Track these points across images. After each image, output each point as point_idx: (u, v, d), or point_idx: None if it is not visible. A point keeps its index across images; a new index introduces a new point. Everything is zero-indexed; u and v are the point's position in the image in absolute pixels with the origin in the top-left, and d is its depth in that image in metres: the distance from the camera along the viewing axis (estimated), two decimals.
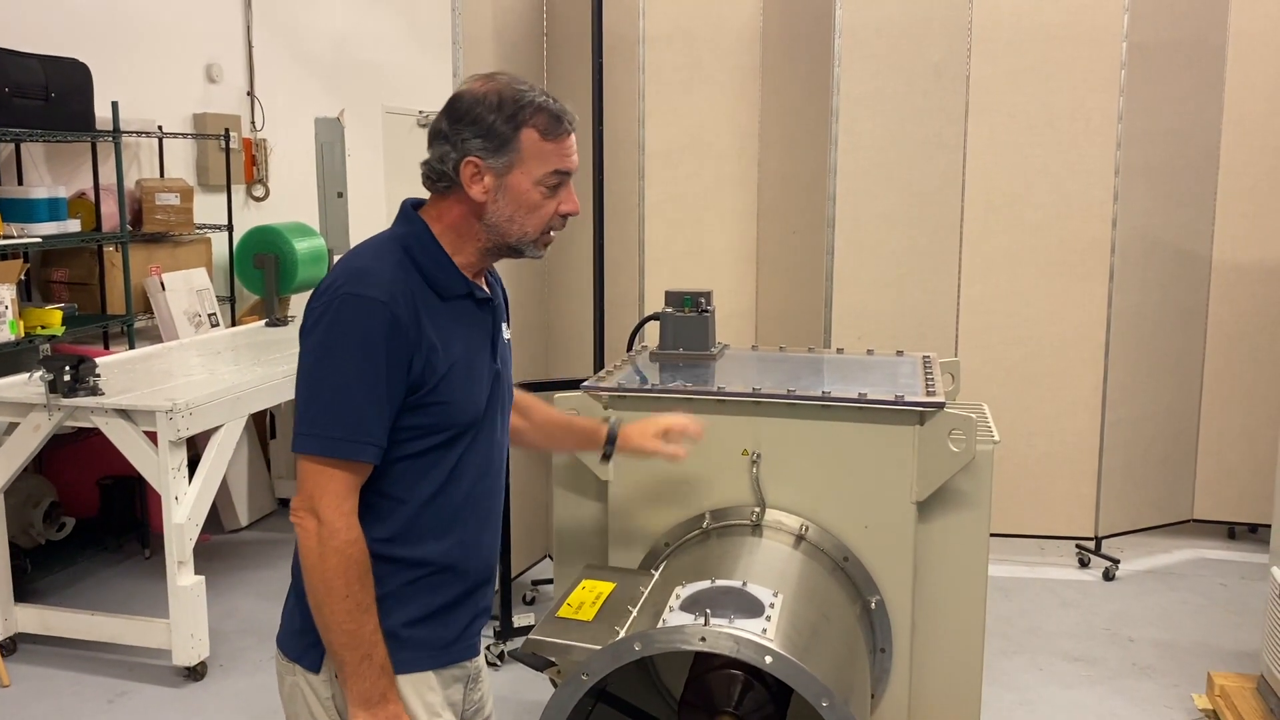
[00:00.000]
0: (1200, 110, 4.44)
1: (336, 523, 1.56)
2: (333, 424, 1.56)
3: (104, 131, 4.87)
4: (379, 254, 1.65)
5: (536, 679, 3.54)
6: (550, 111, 1.68)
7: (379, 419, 1.58)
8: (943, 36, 4.17)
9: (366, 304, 1.57)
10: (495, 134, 1.65)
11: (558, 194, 1.71)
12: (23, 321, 4.33)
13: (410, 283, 1.63)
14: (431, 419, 1.64)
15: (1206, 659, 3.70)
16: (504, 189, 1.67)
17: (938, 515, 2.28)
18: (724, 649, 1.69)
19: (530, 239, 1.72)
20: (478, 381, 1.71)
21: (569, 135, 1.70)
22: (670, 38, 4.12)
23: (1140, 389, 4.50)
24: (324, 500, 1.56)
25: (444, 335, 1.65)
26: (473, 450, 1.71)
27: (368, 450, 1.58)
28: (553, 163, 1.68)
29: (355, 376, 1.56)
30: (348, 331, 1.57)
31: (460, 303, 1.70)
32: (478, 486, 1.74)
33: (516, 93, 1.67)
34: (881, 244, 4.19)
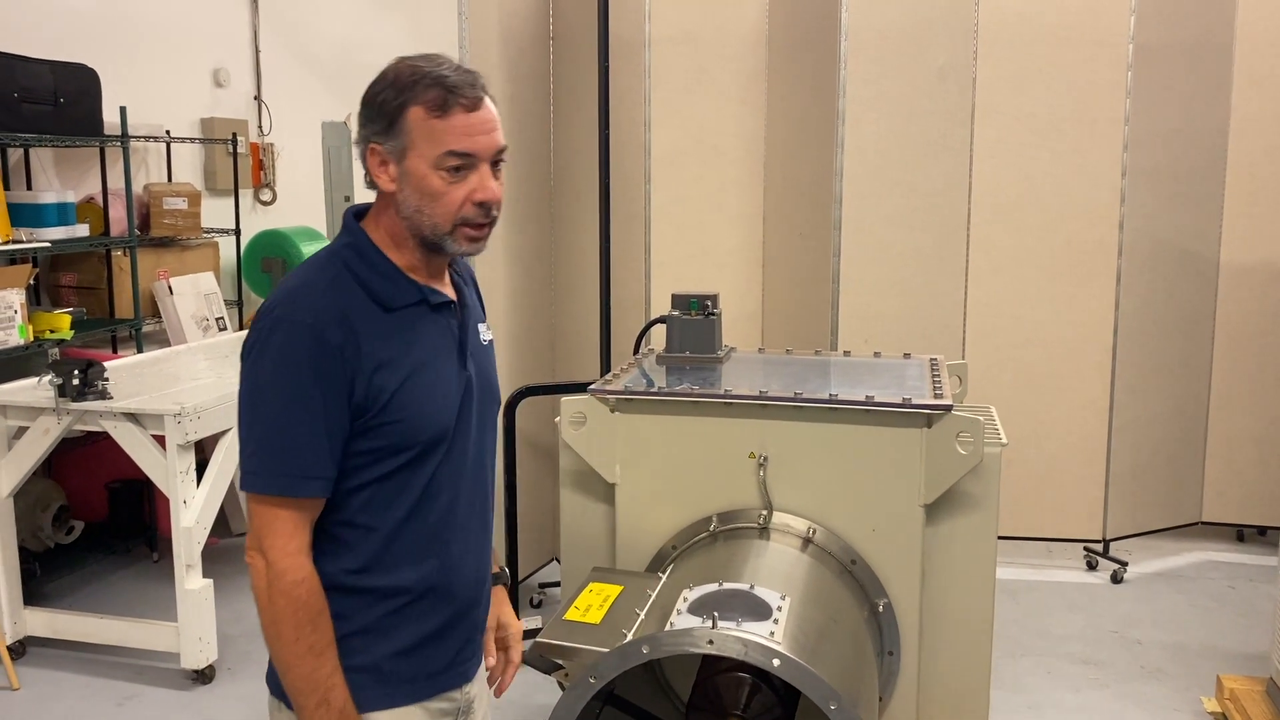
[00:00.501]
0: (1207, 112, 4.43)
1: (282, 563, 1.48)
2: (273, 460, 1.48)
3: (112, 136, 4.89)
4: (313, 272, 1.55)
5: (544, 682, 3.54)
6: (445, 84, 1.50)
7: (322, 450, 1.49)
8: (948, 39, 4.17)
9: (292, 328, 1.47)
10: (383, 114, 1.53)
11: (466, 179, 1.53)
12: (32, 326, 4.35)
13: (344, 299, 1.51)
14: (389, 440, 1.53)
15: (1215, 662, 3.69)
16: (406, 176, 1.53)
17: (945, 518, 2.27)
18: (732, 652, 1.69)
19: (443, 231, 1.55)
20: (442, 393, 1.59)
21: (467, 111, 1.51)
22: (676, 41, 4.13)
23: (1148, 391, 4.49)
24: (270, 540, 1.48)
25: (393, 349, 1.53)
26: (447, 466, 1.60)
27: (312, 485, 1.49)
28: (446, 142, 1.50)
29: (291, 407, 1.47)
30: (277, 360, 1.47)
31: (412, 311, 1.57)
32: (458, 503, 1.63)
33: (413, 68, 1.53)
34: (888, 246, 4.19)
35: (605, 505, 2.42)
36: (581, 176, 4.06)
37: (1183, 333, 4.53)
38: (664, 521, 2.35)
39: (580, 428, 2.37)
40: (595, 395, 2.38)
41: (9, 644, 3.69)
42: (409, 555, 1.58)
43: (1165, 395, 4.54)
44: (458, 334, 1.64)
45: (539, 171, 4.16)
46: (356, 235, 1.59)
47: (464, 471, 1.65)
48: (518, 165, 4.00)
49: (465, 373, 1.63)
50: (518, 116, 3.98)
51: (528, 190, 4.08)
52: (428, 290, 1.59)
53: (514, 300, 4.00)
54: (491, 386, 1.72)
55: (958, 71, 4.20)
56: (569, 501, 2.48)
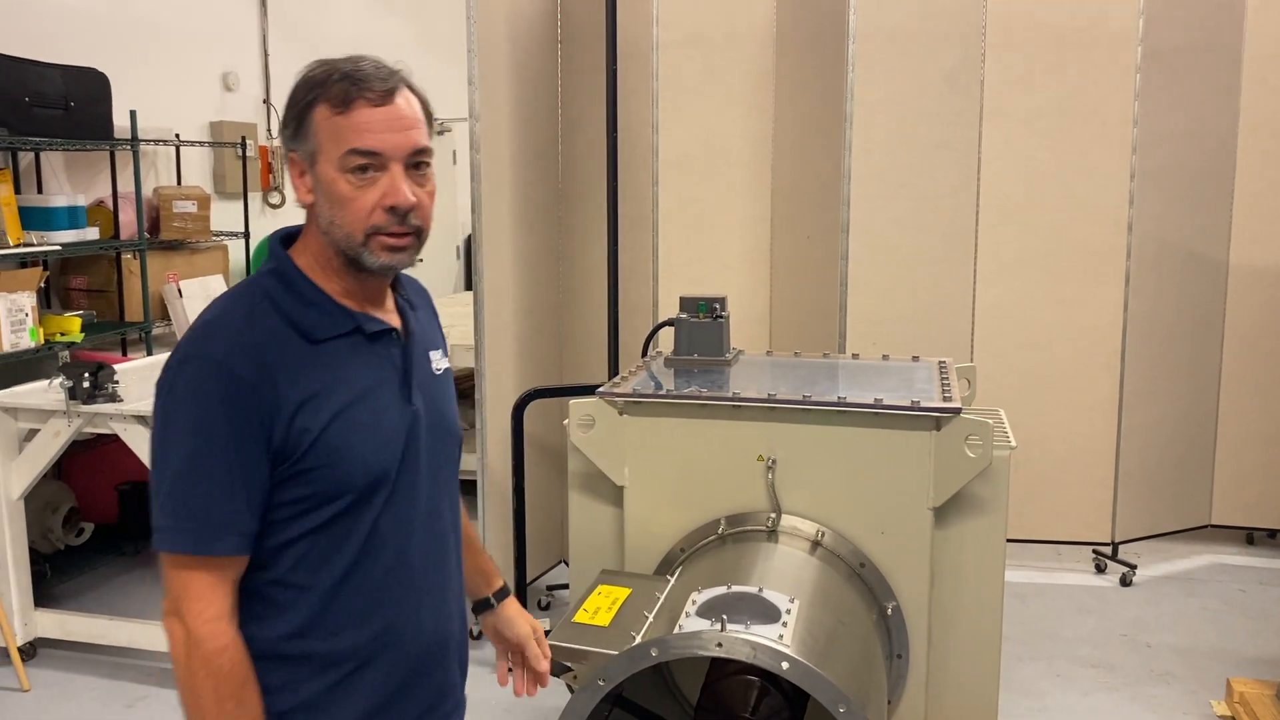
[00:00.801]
0: (1216, 113, 4.42)
1: (200, 630, 1.31)
2: (183, 514, 1.32)
3: (122, 140, 4.91)
4: (230, 302, 1.41)
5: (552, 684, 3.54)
6: (351, 78, 1.37)
7: (237, 501, 1.33)
8: (956, 41, 4.17)
9: (201, 366, 1.33)
10: (293, 116, 1.40)
11: (376, 183, 1.38)
12: (42, 328, 4.37)
13: (262, 331, 1.36)
14: (318, 487, 1.37)
15: (1225, 665, 3.68)
16: (319, 184, 1.40)
17: (954, 521, 2.27)
18: (740, 655, 1.69)
19: (356, 243, 1.39)
20: (381, 432, 1.42)
21: (372, 105, 1.37)
22: (684, 44, 4.13)
23: (1157, 393, 4.48)
24: (186, 603, 1.32)
25: (318, 385, 1.38)
26: (391, 513, 1.43)
27: (227, 541, 1.33)
28: (348, 140, 1.36)
29: (200, 455, 1.32)
30: (184, 402, 1.33)
31: (344, 341, 1.42)
32: (409, 554, 1.46)
33: (325, 65, 1.40)
34: (896, 249, 4.19)
35: (613, 508, 2.42)
36: (589, 179, 4.07)
37: (1192, 335, 4.52)
38: (672, 524, 2.35)
39: (589, 430, 2.38)
40: (604, 398, 2.38)
41: (19, 645, 3.71)
42: (352, 616, 1.42)
43: (1174, 397, 4.52)
44: (401, 364, 1.48)
45: (547, 174, 4.17)
46: (281, 261, 1.45)
47: (413, 517, 1.47)
48: (526, 169, 4.01)
49: (410, 407, 1.47)
50: (525, 119, 3.99)
51: (535, 193, 4.09)
52: (362, 318, 1.44)
53: (522, 303, 4.00)
54: (445, 420, 1.55)
55: (966, 74, 4.20)
56: (577, 504, 2.48)
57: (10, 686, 3.61)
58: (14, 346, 4.20)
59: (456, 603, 1.57)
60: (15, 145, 4.42)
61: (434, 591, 1.52)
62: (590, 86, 3.98)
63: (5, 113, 4.28)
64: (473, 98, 3.63)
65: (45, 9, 4.90)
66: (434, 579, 1.52)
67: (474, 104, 3.64)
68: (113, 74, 4.88)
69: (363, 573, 1.42)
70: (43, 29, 4.85)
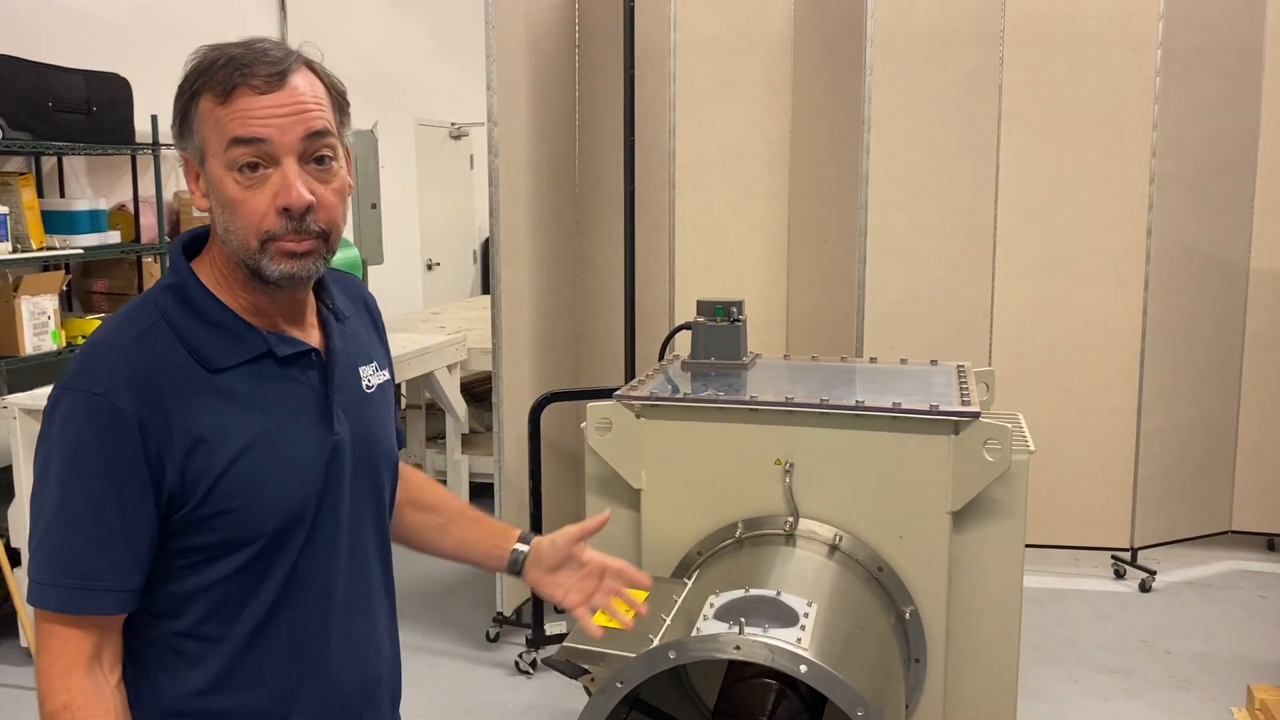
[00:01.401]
0: (1237, 117, 4.39)
1: (42, 687, 1.18)
2: (52, 569, 1.17)
3: (144, 144, 4.95)
4: (120, 325, 1.23)
5: (568, 687, 3.55)
6: (235, 61, 1.20)
7: (115, 556, 1.18)
8: (975, 45, 4.16)
9: (79, 401, 1.17)
10: (178, 110, 1.24)
11: (268, 181, 1.19)
12: (64, 331, 4.40)
13: (150, 360, 1.19)
14: (223, 534, 1.22)
15: (1246, 672, 3.65)
16: (210, 187, 1.23)
17: (972, 525, 2.27)
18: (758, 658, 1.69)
19: (253, 251, 1.21)
20: (297, 467, 1.26)
21: (256, 92, 1.19)
22: (701, 48, 4.14)
23: (1177, 398, 4.45)
24: (40, 658, 1.19)
25: (218, 420, 1.21)
26: (310, 552, 1.29)
27: (100, 600, 1.18)
28: (228, 130, 1.18)
29: (73, 502, 1.17)
30: (59, 441, 1.18)
31: (251, 368, 1.24)
32: (333, 593, 1.32)
33: (213, 50, 1.24)
34: (914, 253, 4.18)
35: (631, 511, 2.43)
36: (606, 183, 4.08)
37: (1211, 339, 4.49)
38: (690, 527, 2.35)
39: (606, 433, 2.38)
40: (621, 401, 2.39)
41: None
42: (272, 666, 1.28)
43: (1194, 402, 4.50)
44: (320, 388, 1.30)
45: (564, 178, 4.18)
46: (181, 274, 1.26)
47: (337, 553, 1.32)
48: (543, 173, 4.02)
49: (332, 436, 1.30)
50: (543, 123, 4.00)
51: (552, 197, 4.10)
52: (274, 339, 1.26)
53: (538, 306, 4.02)
54: (375, 443, 1.38)
55: (984, 77, 4.19)
56: (594, 507, 2.49)
57: (32, 686, 3.64)
58: (36, 349, 4.24)
59: (387, 635, 1.44)
60: (38, 150, 4.46)
61: (363, 633, 1.38)
62: (607, 91, 3.99)
63: (28, 117, 4.32)
64: (491, 102, 3.65)
65: (68, 14, 4.95)
66: (361, 617, 1.38)
67: (492, 109, 3.65)
68: (134, 79, 4.93)
69: (282, 620, 1.27)
70: (65, 34, 4.89)
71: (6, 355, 4.18)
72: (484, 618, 4.14)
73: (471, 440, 5.56)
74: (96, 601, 1.18)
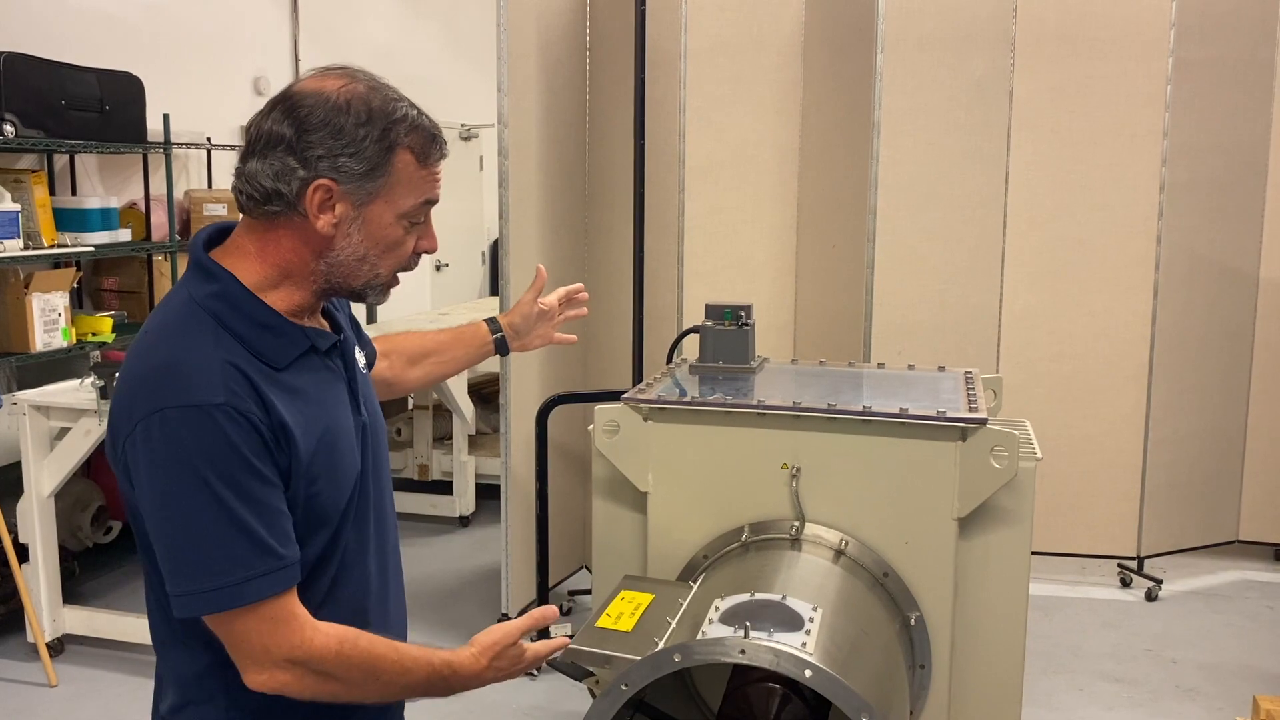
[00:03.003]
0: (1247, 126, 4.38)
1: (313, 646, 1.29)
2: (258, 559, 1.26)
3: (155, 143, 4.98)
4: (184, 336, 1.29)
5: (572, 689, 3.55)
6: (425, 130, 1.37)
7: (288, 531, 1.30)
8: (986, 51, 4.16)
9: (200, 414, 1.23)
10: (365, 154, 1.31)
11: (417, 229, 1.40)
12: (75, 328, 4.42)
13: (239, 361, 1.28)
14: (309, 518, 1.34)
15: (1251, 682, 3.64)
16: (361, 222, 1.34)
17: (979, 532, 2.26)
18: (764, 662, 1.69)
19: (382, 282, 1.40)
20: (347, 450, 1.40)
21: (442, 159, 1.41)
22: (712, 52, 4.14)
23: (1185, 407, 4.44)
24: (290, 637, 1.28)
25: (296, 411, 1.32)
26: (355, 533, 1.43)
27: (294, 572, 1.30)
28: (425, 192, 1.37)
29: (235, 502, 1.24)
30: (194, 459, 1.23)
31: (302, 362, 1.36)
32: (370, 572, 1.46)
33: (388, 102, 1.34)
34: (923, 258, 4.18)
35: (637, 513, 2.43)
36: (616, 186, 4.09)
37: (1221, 348, 4.48)
38: (696, 531, 2.35)
39: (613, 436, 2.38)
40: (629, 404, 2.39)
41: (48, 641, 3.75)
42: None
43: (1202, 411, 4.48)
44: (345, 374, 1.45)
45: (574, 181, 4.19)
46: (224, 282, 1.33)
47: (369, 531, 1.46)
48: (553, 175, 4.03)
49: (361, 418, 1.45)
50: (553, 125, 4.01)
51: (562, 200, 4.11)
52: (314, 334, 1.39)
53: None
54: (381, 425, 1.54)
55: (995, 84, 4.19)
56: (601, 509, 2.49)
57: (38, 682, 3.65)
58: (47, 346, 4.26)
59: (404, 602, 1.59)
60: (51, 147, 4.48)
61: (393, 598, 1.53)
62: (618, 94, 4.00)
63: (41, 115, 4.34)
64: (501, 104, 3.66)
65: (81, 14, 4.97)
66: (391, 586, 1.52)
67: (503, 111, 3.66)
68: (146, 78, 4.95)
69: (340, 595, 1.40)
70: (78, 33, 4.92)
71: (17, 352, 4.20)
72: (488, 619, 4.15)
73: (478, 441, 5.57)
74: (294, 574, 1.29)
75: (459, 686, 1.41)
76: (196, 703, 1.38)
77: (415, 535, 5.17)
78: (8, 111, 4.18)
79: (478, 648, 1.43)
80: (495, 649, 1.43)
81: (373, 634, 1.36)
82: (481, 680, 1.43)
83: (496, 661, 1.43)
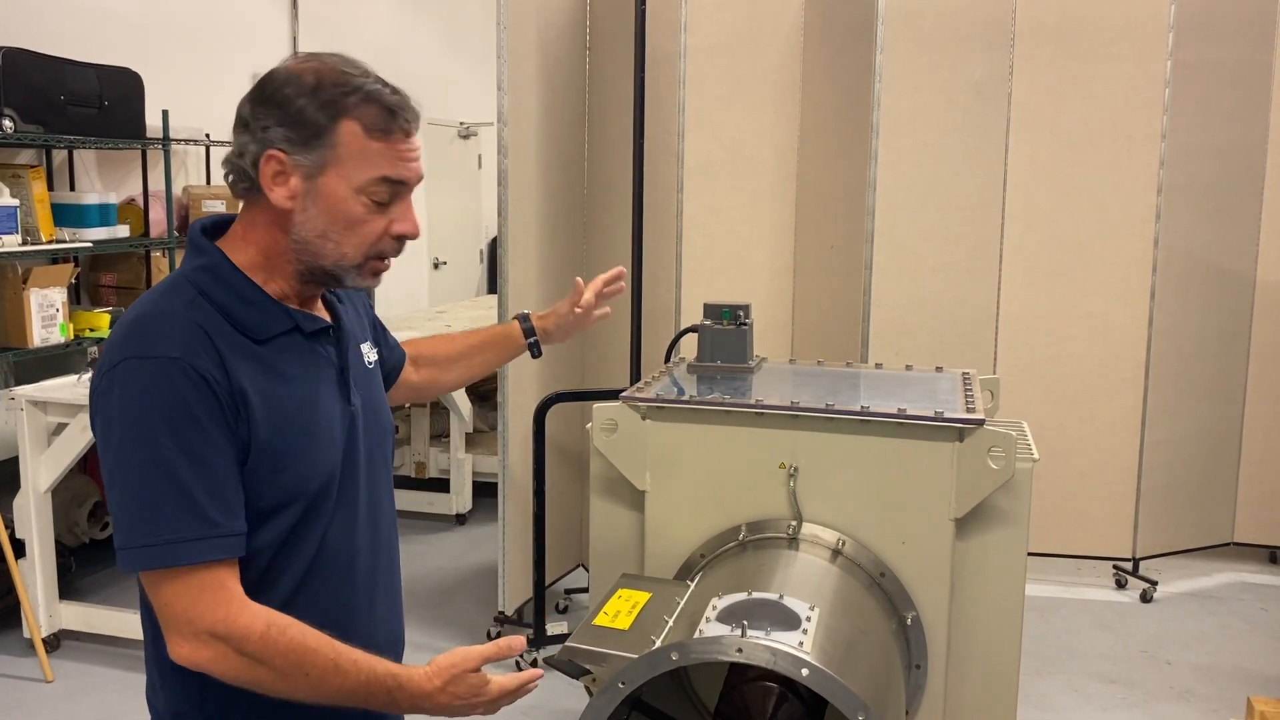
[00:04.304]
0: (1245, 129, 4.40)
1: (237, 623, 1.24)
2: (189, 524, 1.23)
3: (154, 139, 4.97)
4: (164, 298, 1.31)
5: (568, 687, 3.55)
6: (383, 103, 1.33)
7: (232, 500, 1.27)
8: (985, 52, 4.17)
9: (157, 366, 1.23)
10: (305, 121, 1.31)
11: (389, 210, 1.36)
12: (72, 324, 4.42)
13: (208, 324, 1.29)
14: (273, 497, 1.31)
15: (1246, 684, 3.65)
16: (314, 195, 1.33)
17: (975, 533, 2.27)
18: (761, 660, 1.69)
19: (351, 263, 1.36)
20: (324, 435, 1.37)
21: (406, 136, 1.36)
22: (711, 51, 4.15)
23: (1181, 409, 4.45)
24: (214, 610, 1.24)
25: (267, 385, 1.31)
26: (339, 521, 1.39)
27: (233, 543, 1.27)
28: (380, 167, 1.33)
29: (178, 459, 1.22)
30: (148, 406, 1.23)
31: (284, 341, 1.36)
32: (356, 561, 1.42)
33: (341, 75, 1.33)
34: (920, 259, 4.18)
35: (634, 512, 2.43)
36: (615, 185, 4.09)
37: (1217, 351, 4.49)
38: (693, 529, 2.35)
39: (611, 435, 2.39)
40: (627, 403, 2.39)
41: (44, 637, 3.75)
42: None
43: (1198, 413, 4.50)
44: (337, 361, 1.43)
45: (572, 179, 4.19)
46: (212, 256, 1.35)
47: (357, 523, 1.43)
48: (552, 174, 4.03)
49: (350, 407, 1.43)
50: (552, 124, 4.01)
51: (561, 198, 4.11)
52: (300, 316, 1.39)
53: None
54: (381, 417, 1.51)
55: (993, 86, 4.19)
56: (598, 508, 2.49)
57: (34, 677, 3.65)
58: (44, 341, 4.26)
59: (399, 601, 1.56)
60: (49, 143, 4.47)
61: (382, 594, 1.49)
62: (618, 93, 4.00)
63: (40, 111, 4.34)
64: (501, 103, 3.66)
65: (81, 9, 4.96)
66: (382, 582, 1.49)
67: (502, 109, 3.66)
68: (146, 74, 4.94)
69: (314, 587, 1.37)
70: (78, 29, 4.91)
71: (15, 347, 4.19)
72: (485, 617, 4.15)
73: (475, 439, 5.57)
74: (232, 545, 1.26)
75: (405, 705, 1.33)
76: (172, 685, 1.38)
77: (412, 533, 5.17)
78: (7, 106, 4.17)
79: (433, 668, 1.35)
80: (451, 671, 1.34)
81: (311, 628, 1.29)
82: (434, 702, 1.34)
83: (452, 686, 1.34)
